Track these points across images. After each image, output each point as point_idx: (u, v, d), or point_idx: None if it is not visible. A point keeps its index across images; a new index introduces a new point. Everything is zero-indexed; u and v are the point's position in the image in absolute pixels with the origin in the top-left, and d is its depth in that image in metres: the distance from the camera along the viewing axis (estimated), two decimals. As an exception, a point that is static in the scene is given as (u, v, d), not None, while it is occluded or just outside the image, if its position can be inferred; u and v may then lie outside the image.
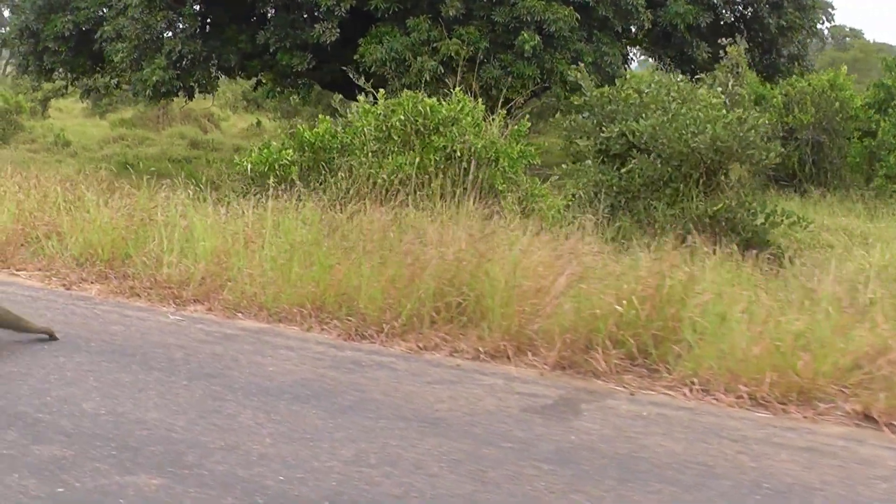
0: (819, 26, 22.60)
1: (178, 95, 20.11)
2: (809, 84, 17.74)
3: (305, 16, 18.79)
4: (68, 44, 20.58)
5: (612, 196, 11.62)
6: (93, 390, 3.80)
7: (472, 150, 9.03)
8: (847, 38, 55.89)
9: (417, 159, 8.98)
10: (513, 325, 4.49)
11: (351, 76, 20.46)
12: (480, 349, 4.45)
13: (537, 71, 17.86)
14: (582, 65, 14.36)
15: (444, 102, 9.43)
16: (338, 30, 17.59)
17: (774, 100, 17.78)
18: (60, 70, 21.70)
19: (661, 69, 22.39)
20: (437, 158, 9.00)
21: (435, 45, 17.56)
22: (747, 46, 22.22)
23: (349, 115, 10.04)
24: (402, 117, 9.14)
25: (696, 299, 4.33)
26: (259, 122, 30.79)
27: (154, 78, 18.46)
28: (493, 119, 9.57)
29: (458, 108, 9.31)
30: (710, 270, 4.69)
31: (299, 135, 9.68)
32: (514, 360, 4.37)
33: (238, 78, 22.95)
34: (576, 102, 14.51)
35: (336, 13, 17.40)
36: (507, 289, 4.66)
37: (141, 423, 3.46)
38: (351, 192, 8.87)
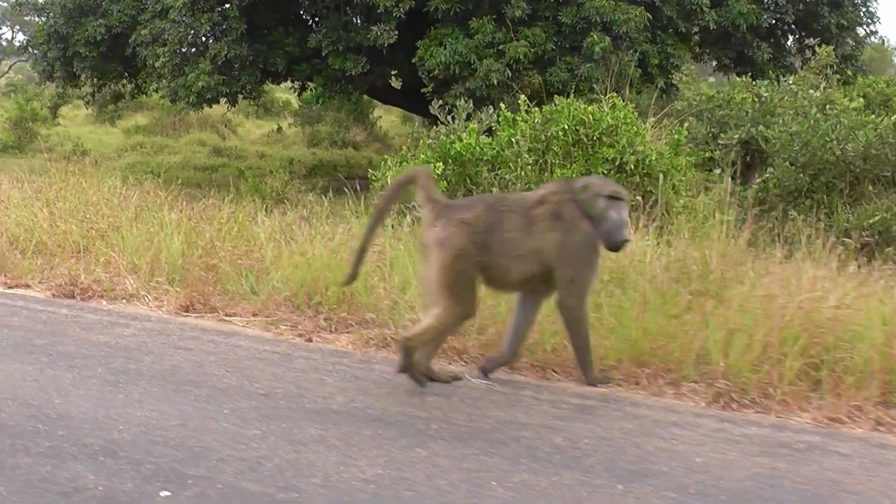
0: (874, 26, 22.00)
1: (218, 102, 19.05)
2: (890, 85, 17.02)
3: (359, 18, 17.85)
4: (99, 48, 19.48)
5: (744, 208, 10.80)
6: None
7: (647, 161, 8.17)
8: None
9: (584, 172, 8.14)
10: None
11: (389, 82, 19.50)
12: (919, 423, 3.56)
13: (605, 74, 17.00)
14: (691, 67, 13.58)
15: (603, 109, 8.58)
16: (396, 32, 16.67)
17: (853, 102, 17.03)
18: (88, 75, 20.55)
19: (720, 71, 21.70)
20: (606, 171, 8.14)
21: (500, 47, 16.68)
22: (798, 46, 21.62)
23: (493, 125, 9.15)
24: (566, 126, 8.24)
25: None
26: (280, 128, 29.72)
27: (199, 83, 17.41)
28: (643, 127, 8.74)
29: (622, 116, 8.44)
30: None
31: (443, 146, 8.75)
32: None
33: (284, 83, 21.85)
34: (678, 108, 13.70)
35: (395, 14, 16.47)
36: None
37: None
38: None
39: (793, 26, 20.97)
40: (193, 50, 18.17)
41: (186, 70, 17.76)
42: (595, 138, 8.27)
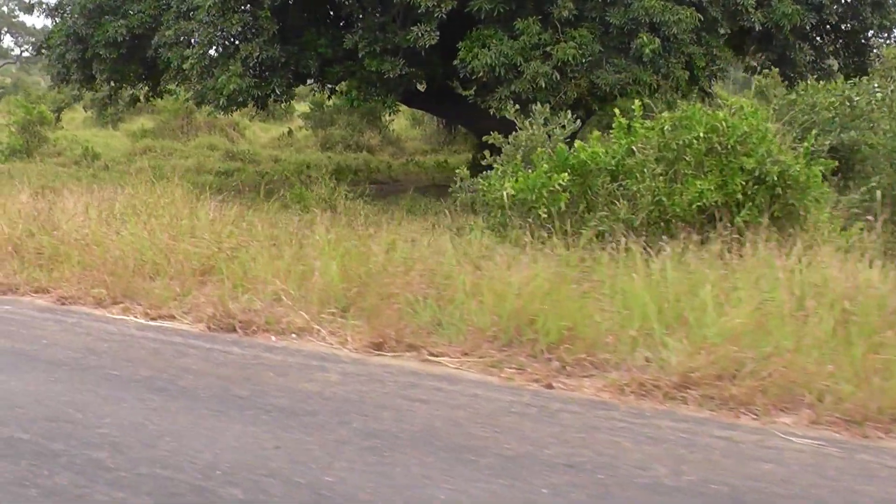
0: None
1: (247, 105, 18.30)
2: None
3: (397, 18, 17.19)
4: (119, 50, 18.67)
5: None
6: None
7: (790, 172, 7.61)
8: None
9: (720, 184, 7.57)
10: None
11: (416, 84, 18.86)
12: None
13: (654, 77, 16.51)
14: (775, 70, 13.09)
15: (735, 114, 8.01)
16: (437, 33, 16.03)
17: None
18: (106, 77, 19.73)
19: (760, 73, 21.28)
20: (744, 182, 7.57)
21: (546, 48, 16.09)
22: (833, 48, 21.25)
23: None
24: (701, 134, 7.64)
25: None
26: (291, 132, 28.99)
27: (231, 86, 16.66)
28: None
29: (755, 123, 7.87)
30: None
31: (561, 154, 8.13)
32: None
33: (312, 85, 21.07)
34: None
35: (436, 15, 15.83)
36: None
37: None
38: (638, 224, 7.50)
39: (827, 27, 20.59)
40: (222, 51, 17.47)
41: (216, 72, 17.05)
42: (730, 147, 7.68)
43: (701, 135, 7.66)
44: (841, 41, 20.70)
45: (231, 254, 5.92)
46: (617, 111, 8.84)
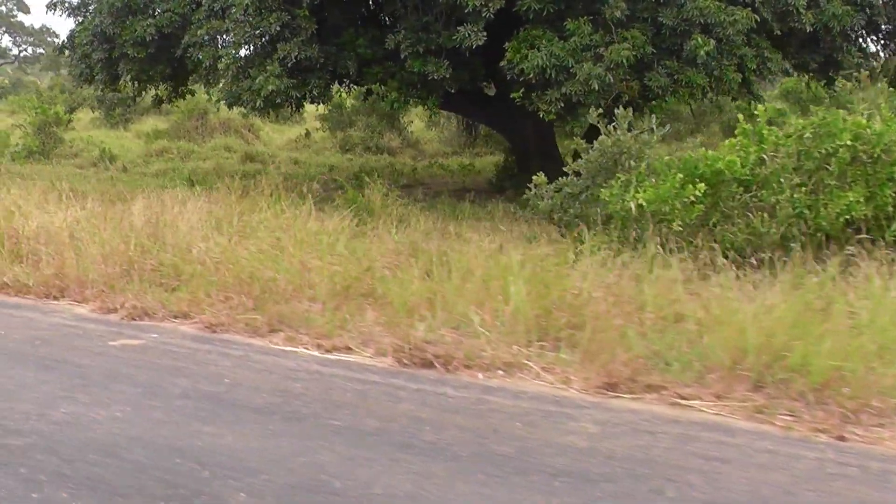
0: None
1: (283, 106, 17.70)
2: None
3: (441, 18, 16.61)
4: (148, 49, 18.02)
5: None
6: None
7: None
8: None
9: (868, 196, 7.10)
10: None
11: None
12: None
13: (706, 79, 16.04)
14: (864, 73, 12.62)
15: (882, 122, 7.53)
16: (484, 33, 15.48)
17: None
18: (132, 77, 19.08)
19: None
20: (895, 194, 7.11)
21: (598, 49, 15.57)
22: (874, 50, 20.85)
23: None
24: (847, 142, 7.16)
25: None
26: (308, 133, 28.32)
27: (269, 87, 16.05)
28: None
29: (897, 129, 7.38)
30: None
31: (688, 163, 7.62)
32: None
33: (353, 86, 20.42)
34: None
35: (483, 15, 15.27)
36: None
37: None
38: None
39: (863, 31, 20.21)
40: (259, 50, 16.88)
41: (252, 72, 16.44)
42: (876, 156, 7.20)
43: (847, 143, 7.17)
44: (882, 42, 20.36)
45: (385, 273, 5.35)
46: (741, 117, 8.35)
